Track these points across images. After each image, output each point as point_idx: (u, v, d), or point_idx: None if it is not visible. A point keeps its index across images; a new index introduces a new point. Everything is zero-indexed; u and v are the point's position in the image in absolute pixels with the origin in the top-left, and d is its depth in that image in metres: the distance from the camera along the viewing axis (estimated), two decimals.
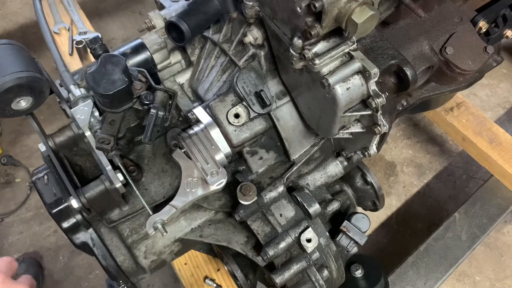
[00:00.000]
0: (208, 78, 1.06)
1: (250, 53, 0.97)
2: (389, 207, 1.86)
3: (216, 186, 0.87)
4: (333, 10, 0.69)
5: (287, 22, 0.77)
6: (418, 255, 1.45)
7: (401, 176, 1.95)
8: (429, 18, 1.09)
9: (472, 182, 1.92)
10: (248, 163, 1.00)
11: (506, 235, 1.78)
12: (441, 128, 1.72)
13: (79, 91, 0.93)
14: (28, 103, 0.88)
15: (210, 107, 0.95)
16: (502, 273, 1.71)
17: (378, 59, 0.96)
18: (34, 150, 2.05)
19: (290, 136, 1.00)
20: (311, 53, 0.76)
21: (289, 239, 0.94)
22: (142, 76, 0.91)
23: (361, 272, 1.25)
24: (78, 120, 0.90)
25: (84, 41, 1.68)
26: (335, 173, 1.11)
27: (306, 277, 0.99)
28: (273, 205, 0.98)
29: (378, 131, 0.85)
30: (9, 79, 0.82)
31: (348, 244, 1.05)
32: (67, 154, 1.03)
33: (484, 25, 1.12)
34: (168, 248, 0.99)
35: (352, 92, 0.80)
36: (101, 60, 0.85)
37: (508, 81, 2.19)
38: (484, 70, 1.15)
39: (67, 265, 1.81)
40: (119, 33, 2.45)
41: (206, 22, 0.99)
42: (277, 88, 0.97)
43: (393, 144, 2.03)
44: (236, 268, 1.10)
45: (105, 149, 0.86)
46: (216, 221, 1.01)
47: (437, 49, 1.07)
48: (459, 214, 1.53)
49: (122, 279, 0.96)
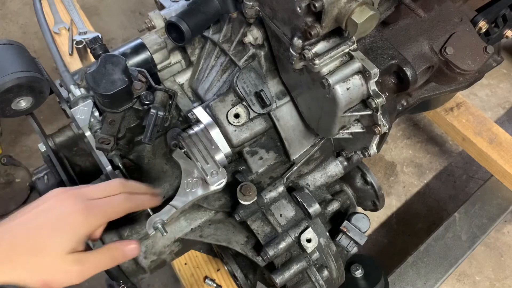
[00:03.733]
0: (208, 78, 1.06)
1: (250, 53, 0.97)
2: (389, 207, 1.86)
3: (216, 186, 0.87)
4: (333, 10, 0.69)
5: (287, 22, 0.77)
6: (418, 255, 1.45)
7: (401, 176, 1.95)
8: (429, 18, 1.09)
9: (472, 182, 1.92)
10: (248, 163, 1.00)
11: (506, 235, 1.78)
12: (441, 128, 1.72)
13: (79, 91, 0.93)
14: (28, 103, 0.88)
15: (210, 107, 0.95)
16: (502, 273, 1.71)
17: (378, 59, 0.96)
18: (34, 150, 2.04)
19: (290, 136, 1.00)
20: (311, 53, 0.76)
21: (289, 239, 0.94)
22: (142, 76, 0.91)
23: (361, 272, 1.25)
24: (78, 120, 0.90)
25: (84, 41, 1.68)
26: (335, 173, 1.11)
27: (306, 277, 0.99)
28: (273, 205, 0.98)
29: (378, 131, 0.85)
30: (9, 79, 0.82)
31: (348, 244, 1.05)
32: (67, 154, 1.03)
33: (484, 25, 1.12)
34: (168, 248, 0.99)
35: (352, 92, 0.80)
36: (101, 60, 0.85)
37: (508, 81, 2.18)
38: (484, 70, 1.15)
39: None
40: (119, 33, 2.45)
41: (206, 22, 0.99)
42: (277, 88, 0.97)
43: (393, 144, 2.03)
44: (236, 268, 1.10)
45: (105, 149, 0.86)
46: (216, 221, 1.01)
47: (437, 49, 1.07)
48: (459, 214, 1.53)
49: (122, 279, 0.96)
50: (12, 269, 0.61)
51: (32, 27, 2.41)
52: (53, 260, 0.63)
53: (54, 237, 0.63)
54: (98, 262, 0.68)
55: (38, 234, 0.63)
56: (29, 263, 0.62)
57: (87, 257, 0.66)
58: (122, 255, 0.72)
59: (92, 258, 0.67)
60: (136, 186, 0.80)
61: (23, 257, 0.61)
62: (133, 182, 0.81)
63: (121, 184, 0.75)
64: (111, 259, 0.70)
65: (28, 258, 0.61)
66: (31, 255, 0.62)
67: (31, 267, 0.62)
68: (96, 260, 0.68)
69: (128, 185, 0.77)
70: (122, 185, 0.75)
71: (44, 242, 0.63)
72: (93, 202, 0.68)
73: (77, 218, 0.65)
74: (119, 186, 0.73)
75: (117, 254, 0.71)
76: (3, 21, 2.47)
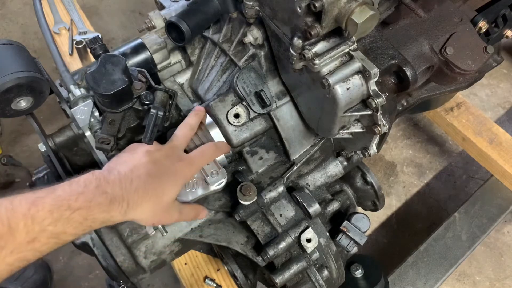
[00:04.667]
0: (208, 78, 1.06)
1: (250, 53, 0.97)
2: (389, 207, 1.86)
3: (216, 186, 0.87)
4: (333, 10, 0.69)
5: (287, 22, 0.78)
6: (418, 255, 1.45)
7: (401, 176, 1.95)
8: (429, 18, 1.09)
9: (472, 182, 1.92)
10: (248, 163, 1.00)
11: (506, 235, 1.78)
12: (441, 128, 1.72)
13: (79, 91, 0.93)
14: (28, 103, 0.88)
15: (210, 107, 0.95)
16: (502, 273, 1.71)
17: (378, 59, 0.96)
18: (34, 150, 2.04)
19: (290, 136, 1.00)
20: (311, 53, 0.76)
21: (289, 239, 0.94)
22: (142, 76, 0.91)
23: (361, 272, 1.25)
24: (78, 120, 0.90)
25: (84, 41, 1.68)
26: (335, 173, 1.11)
27: (306, 277, 0.99)
28: (273, 205, 0.98)
29: (378, 131, 0.85)
30: (9, 79, 0.82)
31: (348, 244, 1.05)
32: (67, 154, 1.03)
33: (484, 25, 1.12)
34: (168, 248, 0.99)
35: (352, 92, 0.80)
36: (101, 60, 0.85)
37: (508, 81, 2.18)
38: (484, 70, 1.15)
39: (67, 265, 1.81)
40: (119, 33, 2.45)
41: (206, 22, 0.99)
42: (277, 88, 0.97)
43: (393, 144, 2.03)
44: (236, 268, 1.10)
45: (105, 149, 0.86)
46: (216, 221, 1.01)
47: (437, 49, 1.07)
48: (459, 214, 1.53)
49: (122, 279, 0.96)
50: (139, 211, 0.73)
51: (32, 27, 2.41)
52: (167, 205, 0.77)
53: (171, 185, 0.77)
54: (186, 214, 0.84)
55: (160, 183, 0.75)
56: (152, 206, 0.75)
57: (183, 208, 0.82)
58: (198, 215, 0.88)
59: (185, 210, 0.83)
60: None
61: (150, 202, 0.74)
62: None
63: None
64: (193, 216, 0.86)
65: (152, 203, 0.74)
66: (155, 201, 0.74)
67: (152, 209, 0.75)
68: (186, 212, 0.83)
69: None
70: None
71: (163, 189, 0.76)
72: (191, 154, 0.83)
73: (185, 171, 0.80)
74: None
75: (195, 214, 0.87)
76: (3, 21, 2.47)
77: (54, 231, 0.64)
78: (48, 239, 0.64)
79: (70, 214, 0.65)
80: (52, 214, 0.64)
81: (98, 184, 0.69)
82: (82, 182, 0.69)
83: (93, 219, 0.68)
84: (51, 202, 0.65)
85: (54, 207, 0.64)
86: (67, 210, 0.65)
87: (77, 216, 0.66)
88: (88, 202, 0.67)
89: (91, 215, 0.67)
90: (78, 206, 0.66)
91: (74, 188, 0.68)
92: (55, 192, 0.67)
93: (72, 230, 0.66)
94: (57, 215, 0.64)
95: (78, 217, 0.66)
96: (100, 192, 0.69)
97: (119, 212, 0.71)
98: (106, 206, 0.69)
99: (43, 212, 0.63)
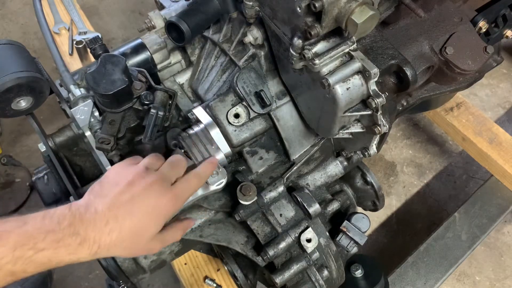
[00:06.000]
0: (208, 78, 1.06)
1: (250, 53, 0.97)
2: (389, 207, 1.86)
3: (216, 186, 0.87)
4: (333, 10, 0.69)
5: (287, 22, 0.78)
6: (418, 255, 1.45)
7: (401, 176, 1.95)
8: (429, 18, 1.09)
9: (472, 182, 1.91)
10: (248, 163, 1.00)
11: (506, 235, 1.78)
12: (441, 128, 1.72)
13: (79, 91, 0.93)
14: (28, 103, 0.88)
15: (210, 107, 0.95)
16: (502, 273, 1.71)
17: (378, 59, 0.96)
18: (34, 150, 2.04)
19: (290, 136, 1.00)
20: (311, 53, 0.76)
21: (289, 239, 0.94)
22: (142, 76, 0.91)
23: (361, 272, 1.25)
24: (78, 120, 0.90)
25: (84, 41, 1.68)
26: (335, 173, 1.11)
27: (306, 277, 0.99)
28: (273, 205, 0.98)
29: (378, 131, 0.85)
30: (9, 79, 0.82)
31: (348, 244, 1.05)
32: (67, 154, 1.03)
33: (484, 25, 1.12)
34: (168, 248, 0.99)
35: (352, 92, 0.80)
36: (101, 60, 0.85)
37: (508, 81, 2.18)
38: (484, 70, 1.15)
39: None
40: (119, 33, 2.45)
41: (206, 22, 0.99)
42: (277, 88, 0.97)
43: (393, 144, 2.03)
44: (236, 268, 1.10)
45: (105, 149, 0.86)
46: (216, 221, 1.01)
47: (437, 49, 1.07)
48: (459, 214, 1.53)
49: (122, 279, 0.96)
50: (112, 251, 0.71)
51: (32, 27, 2.41)
52: (147, 241, 0.73)
53: (151, 224, 0.73)
54: (171, 238, 0.80)
55: (140, 222, 0.71)
56: (129, 245, 0.72)
57: (165, 236, 0.78)
58: (184, 231, 0.84)
59: (168, 236, 0.79)
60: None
61: (126, 242, 0.71)
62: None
63: (186, 160, 0.83)
64: (179, 235, 0.82)
65: (129, 242, 0.71)
66: (131, 241, 0.71)
67: (128, 247, 0.72)
68: (170, 237, 0.80)
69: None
70: (186, 160, 0.84)
71: (142, 229, 0.72)
72: (177, 189, 0.77)
73: (168, 207, 0.75)
74: (185, 162, 0.82)
75: (181, 232, 0.83)
76: (3, 21, 2.47)
77: (12, 270, 0.62)
78: (4, 277, 0.62)
79: (33, 254, 0.63)
80: (14, 252, 0.61)
81: (71, 223, 0.66)
82: (56, 217, 0.66)
83: (58, 261, 0.66)
84: (16, 239, 0.62)
85: (18, 244, 0.62)
86: (31, 249, 0.62)
87: (41, 257, 0.63)
88: (55, 242, 0.64)
89: (56, 257, 0.65)
90: (43, 246, 0.63)
91: (46, 223, 0.65)
92: (24, 227, 0.64)
93: (32, 270, 0.64)
94: (19, 253, 0.62)
95: (41, 258, 0.64)
96: (71, 233, 0.66)
97: (88, 254, 0.68)
98: (74, 249, 0.66)
99: (4, 248, 0.61)
